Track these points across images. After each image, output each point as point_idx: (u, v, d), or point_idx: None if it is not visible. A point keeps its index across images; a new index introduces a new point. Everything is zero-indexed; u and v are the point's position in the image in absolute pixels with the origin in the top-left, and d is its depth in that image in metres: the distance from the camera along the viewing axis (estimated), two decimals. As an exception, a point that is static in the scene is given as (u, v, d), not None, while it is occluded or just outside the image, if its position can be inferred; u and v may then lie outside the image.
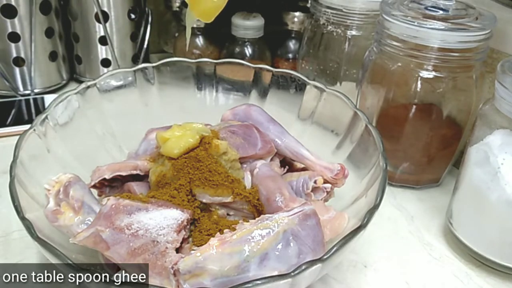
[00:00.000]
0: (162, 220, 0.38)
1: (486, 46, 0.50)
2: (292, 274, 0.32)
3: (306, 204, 0.40)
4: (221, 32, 0.75)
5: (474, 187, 0.45)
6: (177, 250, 0.38)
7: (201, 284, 0.35)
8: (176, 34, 0.83)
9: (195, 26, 0.76)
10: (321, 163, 0.48)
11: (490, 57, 0.54)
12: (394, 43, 0.52)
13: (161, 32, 0.89)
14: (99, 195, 0.47)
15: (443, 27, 0.48)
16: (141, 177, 0.47)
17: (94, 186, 0.46)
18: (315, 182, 0.46)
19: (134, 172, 0.46)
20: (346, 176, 0.47)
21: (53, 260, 0.34)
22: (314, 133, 0.55)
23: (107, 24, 0.75)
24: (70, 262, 0.33)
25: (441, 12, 0.51)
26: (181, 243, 0.39)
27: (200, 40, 0.77)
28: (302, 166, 0.50)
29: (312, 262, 0.33)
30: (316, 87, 0.54)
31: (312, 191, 0.46)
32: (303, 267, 0.32)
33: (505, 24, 0.52)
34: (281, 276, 0.32)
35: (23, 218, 0.36)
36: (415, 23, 0.49)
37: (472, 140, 0.47)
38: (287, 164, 0.51)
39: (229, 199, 0.42)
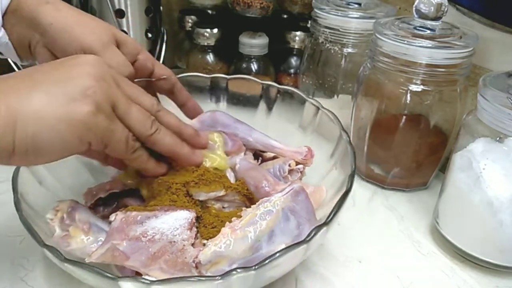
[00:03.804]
0: (174, 221, 0.38)
1: (469, 62, 0.51)
2: (307, 239, 0.34)
3: (294, 183, 0.41)
4: (229, 49, 0.76)
5: (458, 190, 0.45)
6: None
7: (222, 270, 0.35)
8: (189, 51, 0.83)
9: (205, 44, 0.76)
10: (290, 148, 0.49)
11: (473, 72, 0.54)
12: (386, 59, 0.52)
13: (175, 49, 0.90)
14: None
15: (430, 45, 0.48)
16: (133, 191, 0.45)
17: (89, 207, 0.43)
18: (289, 165, 0.47)
19: (126, 187, 0.44)
20: (313, 156, 0.48)
21: (88, 276, 0.33)
22: (314, 141, 0.54)
23: (127, 42, 0.76)
24: (108, 275, 0.31)
25: (428, 31, 0.51)
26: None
27: (210, 57, 0.77)
28: (272, 155, 0.51)
29: (319, 227, 0.35)
30: (313, 104, 0.53)
31: (288, 173, 0.47)
32: (313, 232, 0.34)
33: (486, 43, 0.53)
34: (298, 244, 0.34)
35: (45, 246, 0.34)
36: (405, 42, 0.49)
37: (456, 147, 0.47)
38: (259, 156, 0.51)
39: (222, 193, 0.43)
